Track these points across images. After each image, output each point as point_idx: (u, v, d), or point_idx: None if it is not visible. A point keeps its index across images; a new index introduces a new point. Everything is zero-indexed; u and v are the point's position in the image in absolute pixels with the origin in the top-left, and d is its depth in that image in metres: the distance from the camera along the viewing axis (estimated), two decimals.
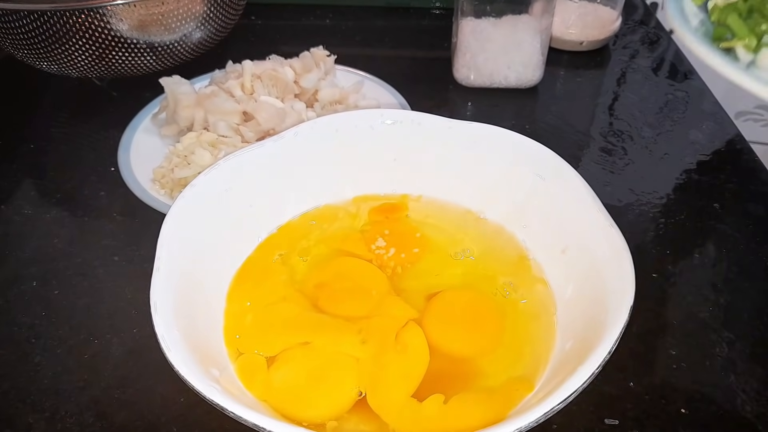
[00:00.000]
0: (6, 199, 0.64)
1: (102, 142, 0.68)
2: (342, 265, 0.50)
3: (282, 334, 0.45)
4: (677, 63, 0.85)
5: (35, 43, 0.65)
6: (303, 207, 0.55)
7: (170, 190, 0.60)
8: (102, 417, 0.45)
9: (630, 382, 0.46)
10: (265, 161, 0.51)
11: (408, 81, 0.75)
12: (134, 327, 0.50)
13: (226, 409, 0.33)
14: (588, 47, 0.84)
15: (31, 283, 0.55)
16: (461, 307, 0.46)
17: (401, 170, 0.56)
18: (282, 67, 0.67)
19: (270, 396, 0.41)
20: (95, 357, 0.49)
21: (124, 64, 0.69)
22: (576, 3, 0.83)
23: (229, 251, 0.50)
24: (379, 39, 0.91)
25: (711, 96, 0.78)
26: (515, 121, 0.73)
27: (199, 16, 0.70)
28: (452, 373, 0.43)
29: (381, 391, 0.41)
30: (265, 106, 0.62)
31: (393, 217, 0.54)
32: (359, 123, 0.54)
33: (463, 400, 0.41)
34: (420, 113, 0.54)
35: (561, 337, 0.43)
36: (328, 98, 0.68)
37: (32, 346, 0.50)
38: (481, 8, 0.72)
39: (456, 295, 0.47)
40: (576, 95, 0.79)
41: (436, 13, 0.95)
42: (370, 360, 0.43)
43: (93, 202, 0.63)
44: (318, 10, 0.95)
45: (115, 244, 0.58)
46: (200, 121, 0.63)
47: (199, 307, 0.44)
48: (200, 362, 0.37)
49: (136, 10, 0.64)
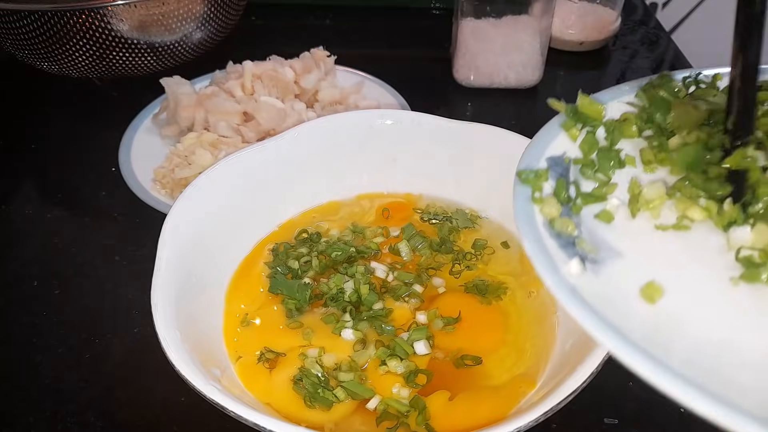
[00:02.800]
0: (7, 199, 0.64)
1: (102, 142, 0.68)
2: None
3: (282, 336, 0.45)
4: (677, 63, 0.85)
5: (36, 44, 0.65)
6: (303, 206, 0.55)
7: (171, 190, 0.60)
8: (102, 416, 0.45)
9: (630, 382, 0.46)
10: (265, 161, 0.51)
11: (408, 81, 0.75)
12: (135, 327, 0.50)
13: (227, 409, 0.33)
14: (588, 47, 0.85)
15: (31, 282, 0.55)
16: (463, 308, 0.46)
17: (401, 170, 0.56)
18: (282, 68, 0.67)
19: (271, 397, 0.41)
20: (96, 357, 0.49)
21: (124, 64, 0.69)
22: (576, 3, 0.83)
23: (230, 251, 0.50)
24: (379, 39, 0.91)
25: None
26: (515, 121, 0.73)
27: (199, 16, 0.70)
28: (457, 372, 0.43)
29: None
30: (266, 106, 0.62)
31: (399, 216, 0.54)
32: (359, 123, 0.54)
33: (469, 397, 0.41)
34: (420, 113, 0.54)
35: (561, 336, 0.43)
36: (328, 98, 0.68)
37: (33, 346, 0.50)
38: (481, 8, 0.72)
39: (457, 297, 0.48)
40: (576, 95, 0.79)
41: (436, 13, 0.95)
42: (371, 362, 0.43)
43: (93, 202, 0.63)
44: (318, 11, 0.95)
45: (116, 244, 0.58)
46: (201, 122, 0.63)
47: (200, 307, 0.44)
48: (201, 362, 0.37)
49: (137, 10, 0.64)
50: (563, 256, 0.29)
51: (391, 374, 0.42)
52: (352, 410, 0.41)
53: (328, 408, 0.40)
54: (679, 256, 0.31)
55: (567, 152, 0.36)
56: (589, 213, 0.34)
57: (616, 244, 0.32)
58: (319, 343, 0.44)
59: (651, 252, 0.32)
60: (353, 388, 0.41)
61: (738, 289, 0.29)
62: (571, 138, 0.37)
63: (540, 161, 0.35)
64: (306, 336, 0.44)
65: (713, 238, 0.32)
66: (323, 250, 0.50)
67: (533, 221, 0.31)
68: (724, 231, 0.32)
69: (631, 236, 0.33)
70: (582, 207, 0.33)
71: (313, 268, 0.49)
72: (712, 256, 0.31)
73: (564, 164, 0.36)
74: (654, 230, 0.33)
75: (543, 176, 0.34)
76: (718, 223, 0.32)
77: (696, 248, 0.32)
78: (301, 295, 0.47)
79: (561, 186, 0.33)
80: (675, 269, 0.30)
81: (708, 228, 0.32)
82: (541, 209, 0.32)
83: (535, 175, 0.33)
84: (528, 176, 0.33)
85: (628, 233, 0.33)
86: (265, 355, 0.44)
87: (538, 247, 0.29)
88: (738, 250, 0.30)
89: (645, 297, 0.28)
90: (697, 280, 0.30)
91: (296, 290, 0.47)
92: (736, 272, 0.30)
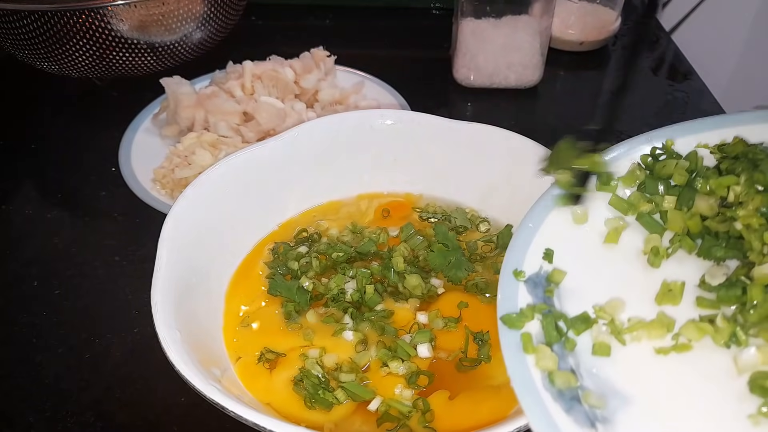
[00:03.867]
0: (7, 200, 0.64)
1: (102, 142, 0.68)
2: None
3: (282, 336, 0.45)
4: (677, 63, 0.85)
5: (36, 44, 0.65)
6: (303, 206, 0.55)
7: (171, 190, 0.60)
8: (103, 417, 0.45)
9: None
10: (265, 161, 0.51)
11: (408, 81, 0.75)
12: (135, 327, 0.50)
13: (227, 409, 0.33)
14: (588, 47, 0.85)
15: (32, 283, 0.55)
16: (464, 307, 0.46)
17: (401, 170, 0.56)
18: (282, 68, 0.67)
19: (271, 397, 0.41)
20: (96, 357, 0.49)
21: (124, 64, 0.69)
22: (576, 3, 0.83)
23: (230, 251, 0.50)
24: (379, 39, 0.91)
25: (710, 96, 0.78)
26: (515, 121, 0.73)
27: (199, 16, 0.70)
28: (458, 372, 0.43)
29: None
30: (266, 106, 0.62)
31: (398, 216, 0.54)
32: (359, 123, 0.54)
33: (470, 397, 0.41)
34: (420, 113, 0.54)
35: None
36: (328, 98, 0.68)
37: (33, 346, 0.50)
38: (481, 8, 0.72)
39: (458, 296, 0.47)
40: (576, 95, 0.79)
41: (436, 13, 0.95)
42: (372, 363, 0.43)
43: (93, 203, 0.63)
44: (318, 10, 0.95)
45: (116, 244, 0.58)
46: (201, 122, 0.63)
47: (200, 307, 0.44)
48: (201, 362, 0.37)
49: (137, 10, 0.64)
50: (572, 424, 0.28)
51: (393, 375, 0.42)
52: (352, 411, 0.41)
53: (329, 409, 0.40)
54: (689, 391, 0.30)
55: (542, 267, 0.35)
56: (585, 347, 0.32)
57: (622, 386, 0.30)
58: (319, 344, 0.44)
59: (659, 390, 0.30)
60: (354, 389, 0.41)
61: (759, 430, 0.28)
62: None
63: (519, 291, 0.34)
64: (307, 336, 0.44)
65: (718, 358, 0.31)
66: (323, 251, 0.50)
67: (532, 385, 0.30)
68: (726, 348, 0.31)
69: (632, 369, 0.31)
70: (575, 341, 0.32)
71: (314, 268, 0.49)
72: (722, 385, 0.30)
73: (544, 284, 0.35)
74: (655, 356, 0.32)
75: (528, 315, 0.33)
76: (717, 341, 0.31)
77: (704, 376, 0.30)
78: (300, 297, 0.47)
79: (549, 324, 0.32)
80: (690, 411, 0.29)
81: (710, 345, 0.31)
82: (537, 362, 0.31)
83: (519, 316, 0.32)
84: (512, 319, 0.32)
85: (630, 366, 0.31)
86: (266, 355, 0.44)
87: (548, 429, 0.27)
88: (752, 380, 0.29)
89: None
90: (715, 424, 0.28)
91: (295, 292, 0.47)
92: (752, 404, 0.28)
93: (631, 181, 0.39)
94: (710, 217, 0.36)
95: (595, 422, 0.28)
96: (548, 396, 0.29)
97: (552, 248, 0.36)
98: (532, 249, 0.36)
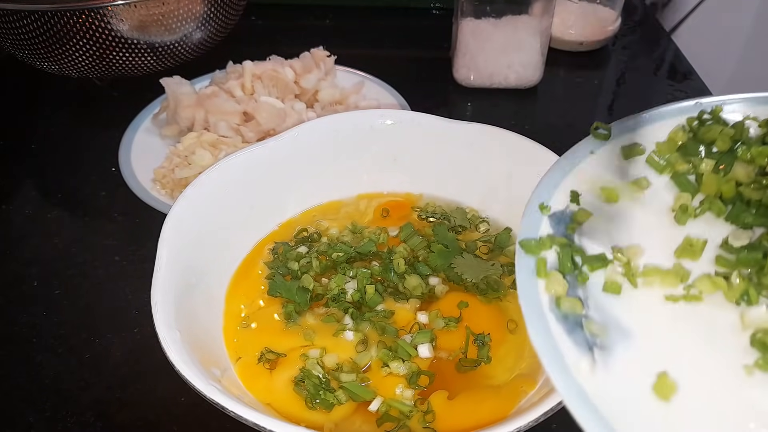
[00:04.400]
0: (7, 199, 0.64)
1: (102, 142, 0.68)
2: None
3: (282, 336, 0.45)
4: (677, 63, 0.85)
5: (36, 44, 0.65)
6: (303, 206, 0.55)
7: (171, 190, 0.60)
8: (103, 417, 0.45)
9: None
10: (265, 161, 0.51)
11: (408, 81, 0.75)
12: (135, 327, 0.50)
13: (227, 409, 0.33)
14: (588, 47, 0.85)
15: (32, 283, 0.55)
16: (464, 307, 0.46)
17: (401, 170, 0.56)
18: (282, 68, 0.67)
19: (272, 397, 0.41)
20: (96, 357, 0.49)
21: (124, 64, 0.69)
22: (576, 3, 0.83)
23: (230, 250, 0.50)
24: (379, 39, 0.91)
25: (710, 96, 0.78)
26: (515, 121, 0.73)
27: (199, 16, 0.70)
28: (458, 372, 0.43)
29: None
30: (266, 106, 0.62)
31: (398, 215, 0.54)
32: (359, 123, 0.54)
33: (470, 397, 0.41)
34: (420, 113, 0.54)
35: None
36: (328, 98, 0.68)
37: (33, 346, 0.50)
38: (481, 8, 0.72)
39: (458, 296, 0.47)
40: (576, 95, 0.79)
41: (436, 13, 0.95)
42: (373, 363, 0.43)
43: (94, 202, 0.63)
44: (318, 11, 0.95)
45: (116, 244, 0.58)
46: (201, 122, 0.63)
47: (200, 307, 0.44)
48: (201, 362, 0.37)
49: (137, 10, 0.64)
50: (571, 344, 0.28)
51: (394, 376, 0.42)
52: (353, 411, 0.41)
53: (329, 409, 0.40)
54: (691, 336, 0.30)
55: (569, 207, 0.35)
56: (597, 283, 0.32)
57: (625, 321, 0.31)
58: (320, 344, 0.44)
59: (661, 331, 0.31)
60: (354, 389, 0.41)
61: (752, 380, 0.28)
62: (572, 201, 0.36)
63: (543, 223, 0.34)
64: (307, 336, 0.44)
65: (726, 314, 0.31)
66: (323, 251, 0.50)
67: (538, 305, 0.30)
68: (736, 305, 0.31)
69: (639, 309, 0.31)
70: (588, 276, 0.32)
71: (314, 269, 0.49)
72: (725, 337, 0.30)
73: (567, 221, 0.34)
74: (663, 302, 0.32)
75: (546, 244, 0.32)
76: (729, 297, 0.31)
77: (708, 326, 0.30)
78: (300, 298, 0.47)
79: (566, 256, 0.32)
80: (687, 354, 0.29)
81: (720, 301, 0.31)
82: (547, 286, 0.31)
83: (538, 243, 0.32)
84: (530, 245, 0.32)
85: (637, 306, 0.32)
86: (266, 355, 0.44)
87: (546, 344, 0.28)
88: (754, 334, 0.29)
89: (658, 394, 0.27)
90: (710, 368, 0.29)
91: (295, 293, 0.47)
92: (750, 358, 0.29)
93: (672, 147, 0.39)
94: (745, 183, 0.36)
95: (593, 347, 0.29)
96: (552, 317, 0.29)
97: (580, 191, 0.36)
98: (562, 187, 0.36)
